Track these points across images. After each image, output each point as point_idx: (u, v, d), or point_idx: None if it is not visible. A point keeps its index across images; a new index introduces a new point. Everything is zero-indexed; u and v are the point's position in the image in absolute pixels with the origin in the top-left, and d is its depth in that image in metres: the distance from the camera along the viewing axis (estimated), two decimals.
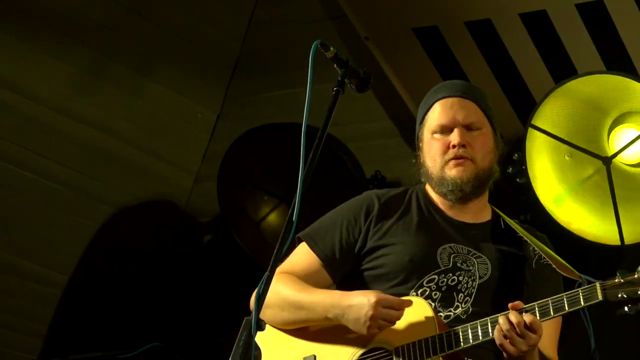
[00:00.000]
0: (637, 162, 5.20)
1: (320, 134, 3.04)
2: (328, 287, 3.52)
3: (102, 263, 6.45)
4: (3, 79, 5.82)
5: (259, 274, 3.14)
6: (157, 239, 6.63)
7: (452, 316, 3.33)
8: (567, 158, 5.21)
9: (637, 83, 4.95)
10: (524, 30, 5.34)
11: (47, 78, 5.97)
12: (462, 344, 3.16)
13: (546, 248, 3.48)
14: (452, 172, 3.47)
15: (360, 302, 3.23)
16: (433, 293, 3.36)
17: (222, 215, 6.04)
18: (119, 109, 6.25)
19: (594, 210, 5.19)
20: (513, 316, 3.11)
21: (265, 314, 3.46)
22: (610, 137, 5.19)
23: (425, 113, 3.60)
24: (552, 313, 3.12)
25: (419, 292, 3.35)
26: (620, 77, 4.98)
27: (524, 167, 5.55)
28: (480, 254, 3.44)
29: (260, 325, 2.73)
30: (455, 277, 3.38)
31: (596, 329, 5.28)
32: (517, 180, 5.57)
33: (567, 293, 3.12)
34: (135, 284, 6.59)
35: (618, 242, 5.12)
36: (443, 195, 3.53)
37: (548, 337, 3.33)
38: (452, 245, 3.45)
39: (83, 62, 6.05)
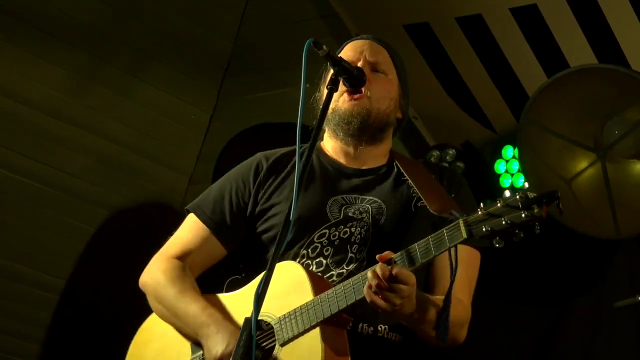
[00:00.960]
0: (631, 154, 5.21)
1: (314, 133, 3.01)
2: (222, 258, 3.40)
3: (98, 266, 6.44)
4: None
5: None
6: (152, 240, 6.60)
7: (345, 273, 3.15)
8: (560, 152, 5.23)
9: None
10: (515, 25, 5.34)
11: (39, 81, 5.96)
12: (337, 306, 2.96)
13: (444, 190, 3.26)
14: (345, 104, 3.31)
15: (217, 341, 3.12)
16: (324, 249, 3.20)
17: None
18: (111, 111, 6.24)
19: (589, 203, 5.20)
20: (379, 269, 2.86)
21: (148, 299, 3.48)
22: (604, 130, 5.20)
23: None
24: (420, 259, 2.88)
25: (309, 249, 3.20)
26: (620, 72, 4.99)
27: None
28: (375, 199, 3.28)
29: (260, 325, 2.72)
30: (348, 229, 3.21)
31: (594, 322, 5.32)
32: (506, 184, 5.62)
33: (432, 235, 2.86)
34: (131, 286, 6.56)
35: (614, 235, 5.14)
36: (334, 133, 3.37)
37: (458, 281, 3.02)
38: (343, 196, 3.29)
39: (75, 65, 6.04)
